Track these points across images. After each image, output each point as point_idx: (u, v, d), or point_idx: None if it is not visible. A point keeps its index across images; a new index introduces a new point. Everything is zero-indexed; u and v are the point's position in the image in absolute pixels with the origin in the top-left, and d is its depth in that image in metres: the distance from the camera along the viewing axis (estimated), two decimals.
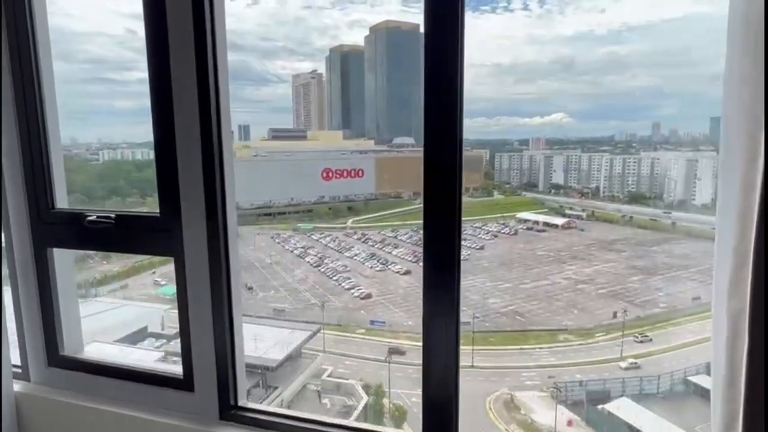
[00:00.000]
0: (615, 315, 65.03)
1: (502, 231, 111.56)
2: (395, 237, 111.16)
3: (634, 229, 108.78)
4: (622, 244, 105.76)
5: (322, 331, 51.82)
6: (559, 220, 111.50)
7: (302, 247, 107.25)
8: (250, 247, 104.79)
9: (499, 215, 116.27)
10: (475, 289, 79.45)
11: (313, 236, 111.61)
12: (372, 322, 64.42)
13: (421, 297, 3.05)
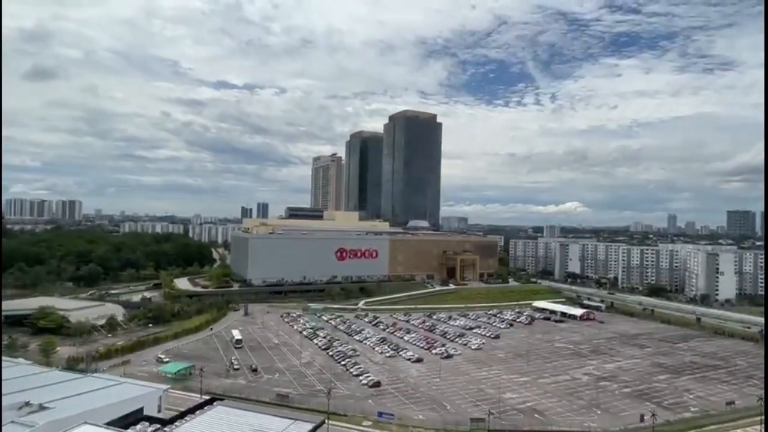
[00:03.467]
0: (642, 418, 60.42)
1: (518, 320, 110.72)
2: (407, 321, 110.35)
3: (657, 324, 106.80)
4: (645, 338, 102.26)
5: (326, 422, 48.27)
6: (578, 311, 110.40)
7: (311, 328, 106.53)
8: (258, 326, 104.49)
9: (515, 303, 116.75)
10: (490, 381, 76.21)
11: (323, 317, 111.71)
12: (380, 414, 60.73)
13: (433, 387, 2.71)
